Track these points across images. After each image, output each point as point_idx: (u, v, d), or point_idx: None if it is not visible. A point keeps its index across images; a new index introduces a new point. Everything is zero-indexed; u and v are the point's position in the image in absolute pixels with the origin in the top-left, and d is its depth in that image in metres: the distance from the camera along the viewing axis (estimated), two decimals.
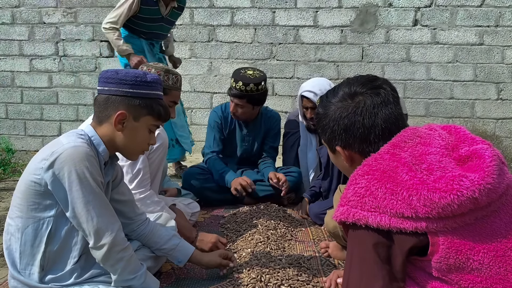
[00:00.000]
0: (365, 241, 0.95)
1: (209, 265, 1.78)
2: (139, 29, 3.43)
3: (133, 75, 1.44)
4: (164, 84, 2.10)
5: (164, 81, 2.12)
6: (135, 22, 3.38)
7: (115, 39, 3.30)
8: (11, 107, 5.02)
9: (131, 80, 1.43)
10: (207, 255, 1.79)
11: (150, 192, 1.99)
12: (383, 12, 4.51)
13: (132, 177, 1.93)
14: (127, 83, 1.43)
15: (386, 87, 1.09)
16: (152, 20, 3.40)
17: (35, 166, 1.35)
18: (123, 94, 1.43)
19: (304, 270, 1.84)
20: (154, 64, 2.19)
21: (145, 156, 2.01)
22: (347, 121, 1.08)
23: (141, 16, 3.34)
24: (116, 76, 1.43)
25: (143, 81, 1.45)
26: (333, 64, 4.61)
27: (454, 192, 0.88)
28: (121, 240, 1.39)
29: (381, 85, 1.10)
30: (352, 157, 1.12)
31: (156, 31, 3.48)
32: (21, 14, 4.89)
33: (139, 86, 1.44)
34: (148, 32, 3.46)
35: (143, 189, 1.96)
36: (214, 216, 2.72)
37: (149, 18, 3.38)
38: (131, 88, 1.43)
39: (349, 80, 1.14)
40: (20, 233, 1.38)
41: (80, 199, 1.32)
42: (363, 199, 0.96)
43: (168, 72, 2.15)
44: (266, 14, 4.63)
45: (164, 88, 2.08)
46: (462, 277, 0.91)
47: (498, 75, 4.48)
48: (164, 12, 3.42)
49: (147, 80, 1.46)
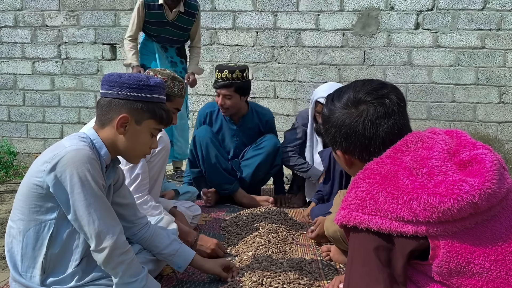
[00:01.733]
0: (366, 244, 0.96)
1: (209, 272, 1.80)
2: (150, 32, 3.67)
3: (136, 79, 1.44)
4: (169, 91, 2.12)
5: (170, 88, 2.13)
6: (146, 26, 3.63)
7: (127, 50, 3.62)
8: (13, 109, 5.04)
9: (134, 84, 1.43)
10: (208, 262, 1.79)
11: (147, 197, 1.99)
12: (384, 15, 4.51)
13: (130, 181, 1.93)
14: (130, 87, 1.43)
15: (392, 97, 1.07)
16: (159, 24, 3.60)
17: (37, 169, 1.36)
18: (126, 97, 1.43)
19: (305, 273, 1.84)
20: (161, 70, 2.21)
21: (145, 162, 2.01)
22: (348, 129, 1.07)
23: (148, 20, 3.58)
24: (119, 79, 1.44)
25: (146, 85, 1.45)
26: (335, 67, 4.61)
27: (454, 197, 0.89)
28: (122, 243, 1.40)
29: (387, 95, 1.07)
30: (352, 161, 1.13)
31: (165, 35, 3.66)
32: (24, 17, 4.91)
33: (142, 90, 1.44)
34: (158, 36, 3.66)
35: (141, 194, 1.96)
36: (215, 219, 2.72)
37: (155, 22, 3.59)
38: (134, 92, 1.43)
39: (356, 85, 1.12)
40: (22, 235, 1.38)
41: (81, 202, 1.32)
42: (364, 202, 0.96)
43: (174, 79, 2.16)
44: (268, 18, 4.64)
45: (168, 94, 2.10)
46: (463, 281, 0.91)
47: (500, 79, 4.48)
48: (170, 16, 3.57)
49: (150, 84, 1.46)
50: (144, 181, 2.00)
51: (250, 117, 3.16)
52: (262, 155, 3.03)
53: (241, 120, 3.14)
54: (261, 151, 3.04)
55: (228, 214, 2.81)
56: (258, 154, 3.04)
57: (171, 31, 3.64)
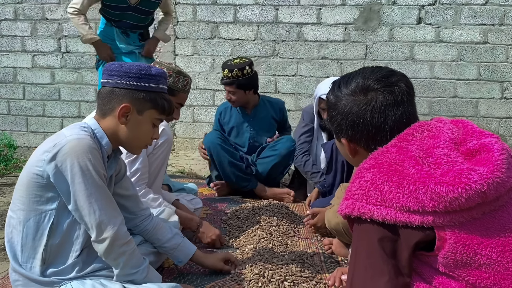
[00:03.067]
0: (371, 235, 0.94)
1: (211, 268, 1.79)
2: (109, 16, 3.33)
3: (138, 68, 1.43)
4: (174, 86, 2.12)
5: (174, 83, 2.13)
6: (105, 10, 3.30)
7: (81, 24, 3.19)
8: (13, 103, 5.02)
9: (136, 73, 1.42)
10: (209, 259, 1.79)
11: (145, 190, 1.99)
12: (387, 10, 4.48)
13: (129, 175, 1.92)
14: (131, 76, 1.41)
15: (401, 85, 1.04)
16: (119, 9, 3.27)
17: (37, 158, 1.34)
18: (127, 87, 1.42)
19: (307, 266, 1.83)
20: (166, 63, 2.19)
21: (146, 156, 2.01)
22: (355, 117, 1.05)
23: (107, 3, 3.25)
24: (120, 68, 1.42)
25: (148, 74, 1.44)
26: (337, 61, 4.59)
27: (462, 186, 0.87)
28: (123, 234, 1.38)
29: (397, 82, 1.05)
30: (357, 150, 1.11)
31: (126, 20, 3.33)
32: (24, 10, 4.88)
33: (144, 79, 1.43)
34: (118, 21, 3.33)
35: (138, 188, 1.95)
36: (217, 212, 2.72)
37: (115, 6, 3.26)
38: (135, 81, 1.42)
39: (365, 71, 1.09)
40: (22, 226, 1.37)
41: (82, 192, 1.31)
42: (368, 192, 0.94)
43: (179, 74, 2.15)
44: (269, 11, 4.61)
45: (172, 89, 2.11)
46: (469, 272, 0.90)
47: (502, 74, 4.46)
48: (132, 0, 3.24)
49: (152, 74, 1.44)
50: (143, 176, 2.01)
51: (262, 107, 3.32)
52: (277, 157, 3.11)
53: (253, 111, 3.30)
54: (276, 153, 3.12)
55: (230, 207, 2.80)
56: (273, 155, 3.13)
57: (133, 16, 3.30)
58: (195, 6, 4.67)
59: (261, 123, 3.30)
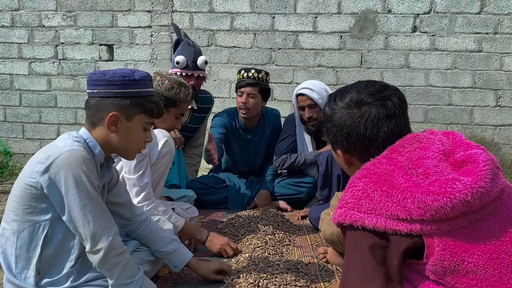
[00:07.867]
0: (362, 242, 0.97)
1: (203, 277, 1.80)
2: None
3: (121, 75, 1.41)
4: (176, 97, 2.16)
5: (176, 94, 2.16)
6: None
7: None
8: (9, 110, 5.02)
9: (119, 80, 1.41)
10: (202, 269, 1.78)
11: (156, 203, 1.99)
12: (382, 18, 4.52)
13: (139, 189, 1.94)
14: (115, 84, 1.41)
15: (394, 99, 1.09)
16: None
17: (30, 169, 1.34)
18: (113, 95, 1.41)
19: (302, 275, 1.83)
20: (168, 75, 2.20)
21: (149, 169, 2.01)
22: (349, 130, 1.09)
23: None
24: (103, 77, 1.41)
25: (131, 80, 1.43)
26: (332, 69, 4.62)
27: (447, 195, 0.90)
28: (118, 244, 1.38)
29: (389, 97, 1.09)
30: (352, 161, 1.15)
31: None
32: (21, 17, 4.89)
33: (128, 86, 1.42)
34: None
35: (149, 201, 1.96)
36: (212, 221, 2.72)
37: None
38: (120, 88, 1.41)
39: (359, 85, 1.14)
40: (16, 236, 1.37)
41: (76, 203, 1.31)
42: (360, 201, 0.98)
43: (181, 85, 2.18)
44: (266, 19, 4.64)
45: (174, 100, 2.15)
46: (458, 280, 0.92)
47: (496, 82, 4.49)
48: (185, 120, 3.06)
49: (135, 78, 1.43)
50: (151, 189, 2.01)
51: (261, 126, 3.23)
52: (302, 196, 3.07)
53: (254, 129, 3.20)
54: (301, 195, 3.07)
55: (225, 216, 2.80)
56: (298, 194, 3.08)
57: (185, 136, 2.99)
58: (192, 14, 4.70)
59: (260, 142, 3.22)
